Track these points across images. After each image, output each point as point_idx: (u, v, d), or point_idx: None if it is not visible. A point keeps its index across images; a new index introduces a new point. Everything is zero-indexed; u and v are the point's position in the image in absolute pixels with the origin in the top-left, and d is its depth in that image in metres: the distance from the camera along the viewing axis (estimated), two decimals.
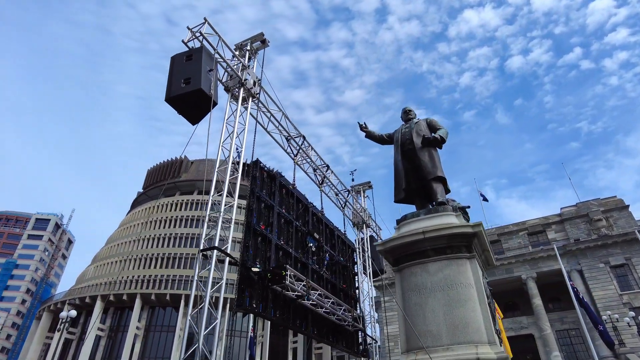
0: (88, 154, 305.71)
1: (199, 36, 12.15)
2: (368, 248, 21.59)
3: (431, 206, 9.69)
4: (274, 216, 13.61)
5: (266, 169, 14.04)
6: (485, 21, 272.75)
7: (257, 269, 11.30)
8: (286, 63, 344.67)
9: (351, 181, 22.35)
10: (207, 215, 11.06)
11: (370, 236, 22.22)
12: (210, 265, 10.09)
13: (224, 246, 10.66)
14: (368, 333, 19.20)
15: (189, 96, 10.85)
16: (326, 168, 18.67)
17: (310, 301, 13.50)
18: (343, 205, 20.18)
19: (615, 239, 38.21)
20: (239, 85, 13.26)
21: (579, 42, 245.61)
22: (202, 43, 12.17)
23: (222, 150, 12.24)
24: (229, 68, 13.22)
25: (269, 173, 14.15)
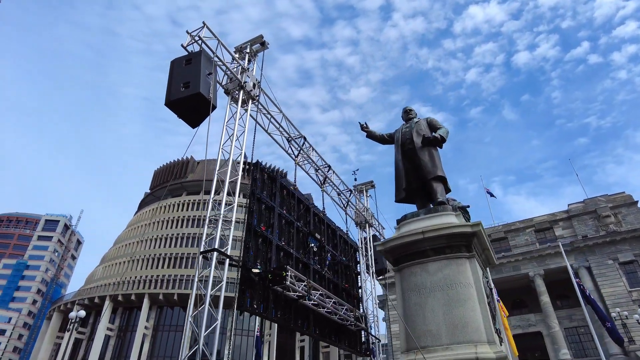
0: (96, 155, 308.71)
1: (198, 40, 12.23)
2: (371, 247, 21.60)
3: (432, 206, 9.67)
4: (275, 217, 13.66)
5: (267, 171, 14.10)
6: (490, 17, 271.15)
7: (258, 270, 11.39)
8: (291, 62, 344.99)
9: (354, 180, 22.48)
10: (208, 217, 11.18)
11: (373, 235, 22.22)
12: (210, 266, 10.20)
13: (225, 247, 10.78)
14: (372, 332, 19.26)
15: (188, 100, 10.93)
16: (327, 168, 18.71)
17: (311, 301, 13.56)
18: (345, 205, 20.22)
19: (624, 236, 37.83)
20: (239, 87, 13.33)
21: (587, 36, 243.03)
22: (202, 47, 12.26)
23: (222, 152, 12.35)
24: (228, 71, 13.30)
25: (270, 174, 14.21)
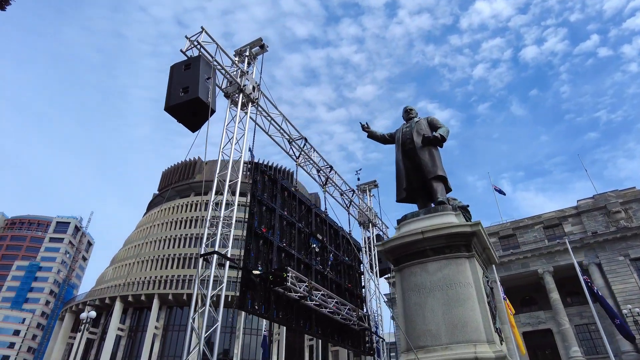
0: (106, 157, 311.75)
1: (197, 45, 12.35)
2: (374, 247, 21.63)
3: (433, 205, 9.71)
4: (276, 219, 13.75)
5: (268, 173, 14.21)
6: (497, 11, 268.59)
7: (258, 272, 11.51)
8: (297, 61, 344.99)
9: (357, 180, 22.53)
10: (208, 219, 11.33)
11: (377, 235, 22.24)
12: (210, 269, 10.36)
13: (225, 249, 10.93)
14: (377, 331, 19.31)
15: (187, 105, 11.04)
16: (329, 169, 18.79)
17: (313, 302, 13.65)
18: (348, 205, 20.28)
19: (635, 231, 37.39)
20: (238, 91, 13.45)
21: (596, 29, 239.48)
22: (200, 51, 12.39)
23: (223, 155, 12.49)
24: (228, 75, 13.42)
25: (270, 176, 14.31)
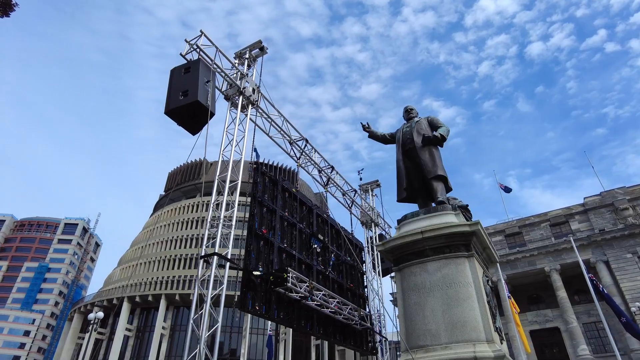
0: (113, 159, 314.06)
1: (197, 48, 12.46)
2: (376, 246, 21.63)
3: (433, 205, 9.75)
4: (277, 219, 13.86)
5: (268, 174, 14.32)
6: (502, 8, 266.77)
7: (259, 273, 11.62)
8: (301, 61, 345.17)
9: (359, 180, 22.56)
10: (208, 221, 11.46)
11: (379, 234, 22.26)
12: (210, 270, 10.48)
13: (225, 250, 11.05)
14: (380, 331, 19.36)
15: (187, 108, 11.13)
16: (331, 169, 18.85)
17: (314, 302, 13.74)
18: (350, 205, 20.33)
19: None
20: (238, 93, 13.54)
21: (603, 24, 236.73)
22: (200, 55, 12.50)
23: (223, 156, 12.61)
24: (228, 77, 13.52)
25: (271, 177, 14.42)
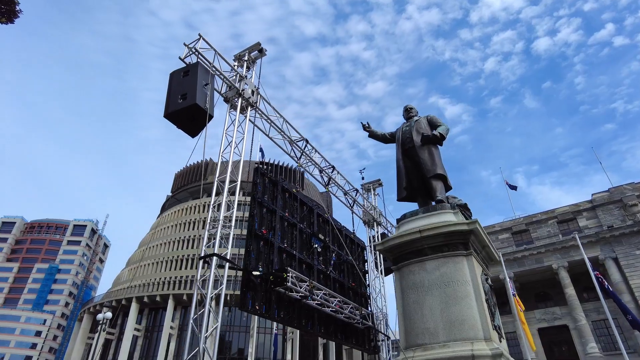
0: (120, 160, 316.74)
1: (195, 52, 12.59)
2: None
3: (432, 204, 9.80)
4: (277, 220, 13.95)
5: (268, 174, 14.42)
6: (508, 4, 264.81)
7: (258, 273, 11.72)
8: (306, 60, 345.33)
9: (361, 179, 22.62)
10: (208, 221, 11.59)
11: (382, 234, 22.28)
12: (210, 270, 10.62)
13: (225, 251, 11.18)
14: (382, 330, 19.40)
15: (186, 111, 11.28)
16: (332, 169, 18.91)
17: (315, 301, 13.82)
18: (352, 204, 20.39)
19: None
20: (237, 95, 13.66)
21: (611, 18, 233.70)
22: (199, 58, 12.62)
23: (222, 158, 12.73)
24: (226, 80, 13.63)
25: (271, 178, 14.53)
